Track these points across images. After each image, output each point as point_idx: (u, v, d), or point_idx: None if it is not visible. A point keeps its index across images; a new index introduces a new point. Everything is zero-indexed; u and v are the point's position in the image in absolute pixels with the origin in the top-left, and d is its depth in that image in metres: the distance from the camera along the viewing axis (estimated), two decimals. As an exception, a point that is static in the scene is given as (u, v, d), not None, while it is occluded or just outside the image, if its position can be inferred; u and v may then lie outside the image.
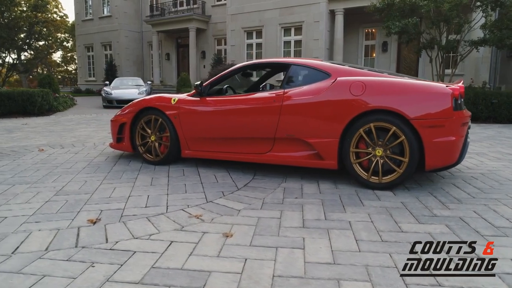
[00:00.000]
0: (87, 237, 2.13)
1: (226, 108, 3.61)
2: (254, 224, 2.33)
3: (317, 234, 2.17)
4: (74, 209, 2.62)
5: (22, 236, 2.14)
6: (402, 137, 2.90)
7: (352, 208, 2.63)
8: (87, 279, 1.67)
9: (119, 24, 22.89)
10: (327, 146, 3.17)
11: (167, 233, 2.20)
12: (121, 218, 2.44)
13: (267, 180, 3.39)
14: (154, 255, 1.91)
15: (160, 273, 1.72)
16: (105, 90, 13.03)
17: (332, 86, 3.16)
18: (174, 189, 3.12)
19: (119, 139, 4.27)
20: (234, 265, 1.80)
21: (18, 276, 1.69)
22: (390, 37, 15.57)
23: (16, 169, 3.84)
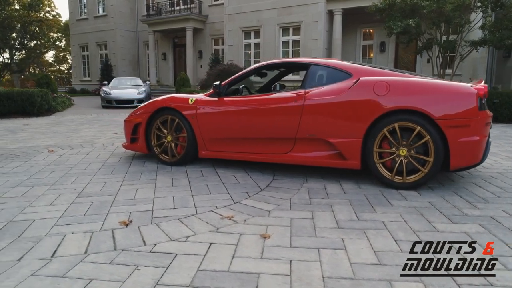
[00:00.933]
0: (123, 239, 2.10)
1: (246, 108, 3.59)
2: (288, 225, 2.32)
3: (354, 235, 2.17)
4: (102, 211, 2.58)
5: (57, 239, 2.10)
6: (427, 137, 2.91)
7: (381, 208, 2.63)
8: (136, 282, 1.64)
9: (115, 23, 22.70)
10: (350, 146, 3.17)
11: (203, 234, 2.18)
12: (153, 220, 2.41)
13: (288, 181, 3.38)
14: (197, 257, 1.89)
15: (208, 276, 1.70)
16: (104, 90, 12.91)
17: (355, 86, 3.16)
18: (197, 190, 3.09)
19: (133, 139, 4.23)
20: (280, 267, 1.79)
21: (64, 280, 1.66)
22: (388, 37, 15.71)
23: (30, 171, 3.78)
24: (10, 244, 2.04)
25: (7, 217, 2.45)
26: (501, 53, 14.19)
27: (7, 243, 2.05)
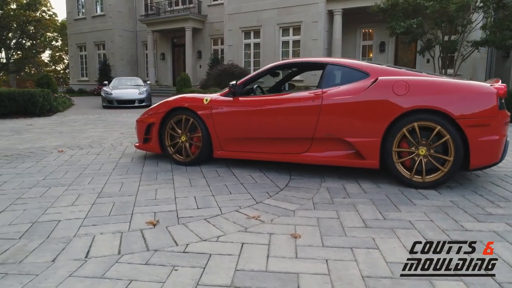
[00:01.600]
0: (154, 240, 2.09)
1: (262, 108, 3.58)
2: (316, 225, 2.32)
3: (383, 234, 2.17)
4: (125, 211, 2.56)
5: (87, 240, 2.08)
6: (447, 136, 2.93)
7: (405, 207, 2.64)
8: (176, 283, 1.63)
9: (113, 23, 22.60)
10: (369, 145, 3.17)
11: (233, 234, 2.17)
12: (179, 220, 2.40)
13: (305, 180, 3.38)
14: (232, 257, 1.88)
15: (247, 276, 1.70)
16: (104, 90, 12.84)
17: (374, 85, 3.17)
18: (217, 190, 3.09)
19: (146, 139, 4.21)
20: (318, 267, 1.79)
21: (104, 281, 1.65)
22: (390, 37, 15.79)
23: (44, 171, 3.75)
24: (40, 245, 2.02)
25: (31, 218, 2.43)
26: (500, 53, 14.30)
27: (37, 244, 2.03)
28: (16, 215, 2.49)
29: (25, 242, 2.05)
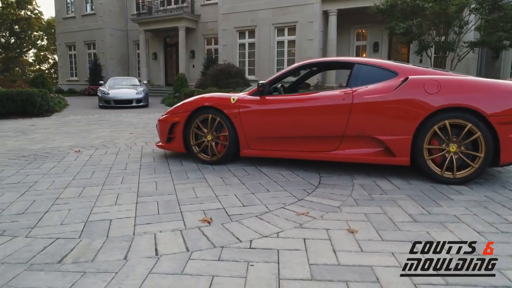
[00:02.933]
0: (216, 237, 2.11)
1: (292, 106, 3.63)
2: (366, 220, 2.37)
3: (435, 228, 2.24)
4: (173, 210, 2.57)
5: (149, 238, 2.09)
6: (478, 133, 3.03)
7: (444, 202, 2.72)
8: (258, 277, 1.66)
9: (104, 22, 22.31)
10: (400, 143, 3.25)
11: (290, 230, 2.21)
12: (230, 217, 2.42)
13: (335, 178, 3.44)
14: (300, 252, 1.92)
15: (323, 270, 1.74)
16: (101, 90, 12.68)
17: (406, 84, 3.25)
18: (254, 188, 3.11)
19: (169, 139, 4.20)
20: (387, 259, 1.84)
21: (186, 277, 1.67)
22: (382, 37, 16.04)
23: (69, 171, 3.71)
24: (104, 244, 2.02)
25: (81, 218, 2.42)
26: (490, 53, 14.69)
27: (101, 243, 2.03)
28: (63, 215, 2.48)
29: (88, 241, 2.05)
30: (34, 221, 2.37)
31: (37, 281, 1.63)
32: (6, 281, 1.63)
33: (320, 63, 3.91)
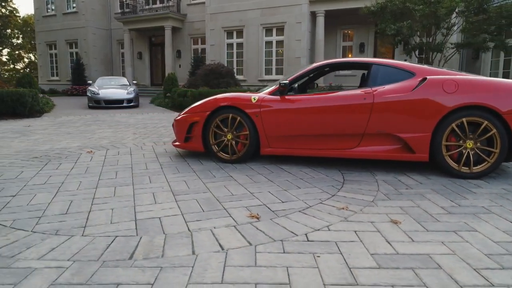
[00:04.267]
0: (271, 231, 2.19)
1: (313, 106, 3.73)
2: (404, 213, 2.51)
3: (471, 219, 2.39)
4: (216, 207, 2.63)
5: (208, 234, 2.15)
6: (494, 130, 3.23)
7: (469, 195, 2.90)
8: (330, 267, 1.76)
9: (86, 20, 21.84)
10: (420, 140, 3.42)
11: (338, 224, 2.31)
12: (276, 213, 2.51)
13: (357, 174, 3.57)
14: (357, 243, 2.03)
15: (387, 259, 1.85)
16: (91, 90, 12.44)
17: (425, 84, 3.42)
18: (284, 185, 3.20)
19: (187, 138, 4.23)
20: (440, 248, 1.97)
21: (262, 269, 1.74)
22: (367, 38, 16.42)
23: (92, 171, 3.70)
24: (166, 240, 2.07)
25: (129, 217, 2.45)
26: (471, 54, 15.29)
27: (162, 240, 2.07)
28: (109, 214, 2.50)
29: (148, 238, 2.09)
30: (82, 220, 2.38)
31: (119, 277, 1.67)
32: (87, 278, 1.66)
33: (337, 63, 4.03)
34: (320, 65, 4.01)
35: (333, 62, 4.02)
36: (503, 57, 14.06)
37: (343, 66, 4.23)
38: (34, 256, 1.87)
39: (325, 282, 1.63)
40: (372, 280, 1.64)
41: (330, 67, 4.03)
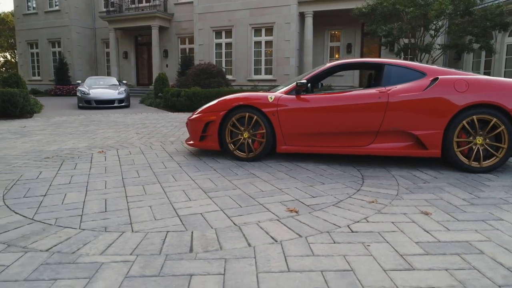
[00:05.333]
0: (315, 224, 2.29)
1: (329, 105, 3.86)
2: (430, 205, 2.66)
3: (494, 209, 2.56)
4: (251, 203, 2.72)
5: (254, 227, 2.23)
6: (502, 127, 3.43)
7: (484, 187, 3.08)
8: (383, 254, 1.88)
9: (70, 19, 21.38)
10: (433, 137, 3.59)
11: (374, 216, 2.44)
12: (311, 207, 2.61)
13: (372, 170, 3.72)
14: (398, 233, 2.16)
15: (432, 246, 1.98)
16: (81, 90, 12.23)
17: (437, 83, 3.59)
18: (308, 181, 3.32)
19: (203, 137, 4.29)
20: (476, 236, 2.12)
21: (321, 258, 1.84)
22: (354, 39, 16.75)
23: (112, 171, 3.71)
24: (218, 234, 2.14)
25: (170, 213, 2.50)
26: (453, 55, 15.84)
27: (213, 233, 2.15)
28: (149, 211, 2.54)
29: (200, 233, 2.16)
30: (125, 217, 2.43)
31: (188, 268, 1.74)
32: (158, 270, 1.73)
33: (351, 63, 4.17)
34: (335, 65, 4.14)
35: (347, 62, 4.16)
36: (484, 58, 14.64)
37: (356, 66, 4.36)
38: (95, 252, 1.92)
39: (384, 268, 1.74)
40: (426, 265, 1.77)
41: (344, 67, 4.17)
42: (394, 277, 1.65)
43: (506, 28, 10.40)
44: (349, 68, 4.25)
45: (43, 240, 2.07)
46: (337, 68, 4.16)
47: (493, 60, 13.62)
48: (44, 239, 2.08)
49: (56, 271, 1.71)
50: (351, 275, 1.68)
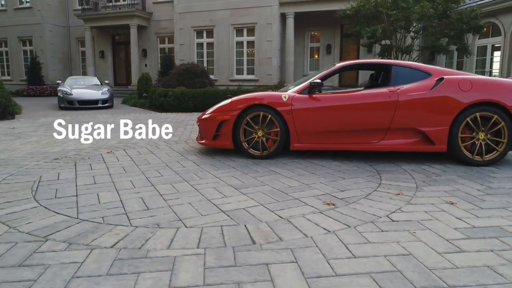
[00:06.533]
0: (356, 215, 2.44)
1: (343, 103, 4.03)
2: (450, 195, 2.87)
3: (509, 198, 2.81)
4: (286, 198, 2.83)
5: (302, 220, 2.36)
6: (502, 123, 3.73)
7: (491, 179, 3.35)
8: (430, 240, 2.05)
9: (42, 17, 20.63)
10: (440, 133, 3.84)
11: (407, 206, 2.62)
12: (344, 200, 2.76)
13: (383, 165, 3.93)
14: (435, 221, 2.34)
15: (470, 231, 2.17)
16: (62, 90, 11.87)
17: (443, 83, 3.85)
18: (329, 177, 3.47)
19: (216, 136, 4.36)
20: (503, 221, 2.33)
21: (377, 244, 1.99)
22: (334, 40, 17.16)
23: (131, 170, 3.72)
24: (271, 227, 2.24)
25: (214, 209, 2.58)
26: (427, 56, 16.57)
27: (266, 226, 2.25)
28: (191, 208, 2.61)
29: (253, 226, 2.25)
30: (171, 214, 2.48)
31: (261, 258, 1.84)
32: (232, 260, 1.81)
33: (361, 64, 4.37)
34: (345, 65, 4.33)
35: (356, 63, 4.35)
36: (456, 59, 15.42)
37: (364, 67, 4.58)
38: (162, 247, 1.98)
39: (437, 251, 1.91)
40: (473, 248, 1.95)
41: (354, 67, 4.36)
42: (451, 259, 1.83)
43: (479, 31, 11.03)
44: (358, 68, 4.45)
45: (102, 238, 2.10)
46: (347, 68, 4.34)
47: (464, 61, 14.36)
48: (102, 236, 2.12)
49: (135, 266, 1.77)
50: (412, 258, 1.83)
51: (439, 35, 10.91)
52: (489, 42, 13.88)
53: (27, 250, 1.94)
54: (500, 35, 13.16)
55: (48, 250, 1.95)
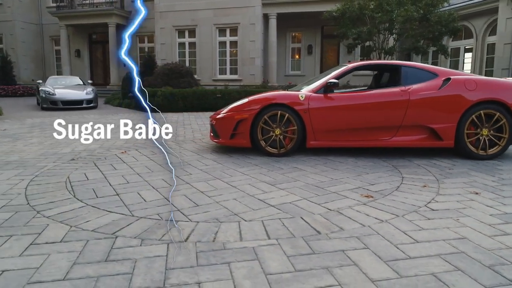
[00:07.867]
0: (398, 205, 2.63)
1: (358, 102, 4.24)
2: (471, 186, 3.12)
3: (522, 187, 3.10)
4: (324, 192, 2.98)
5: (351, 211, 2.51)
6: (504, 120, 4.05)
7: (499, 171, 3.64)
8: (478, 226, 2.25)
9: (13, 14, 19.81)
10: (448, 129, 4.12)
11: (438, 197, 2.83)
12: (379, 192, 2.94)
13: (396, 161, 4.16)
14: (471, 209, 2.56)
15: (504, 217, 2.40)
16: (45, 90, 11.48)
17: (450, 83, 4.12)
18: (352, 172, 3.65)
19: (233, 135, 4.44)
20: (528, 207, 2.59)
21: (430, 231, 2.17)
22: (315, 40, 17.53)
23: (154, 169, 3.77)
24: (329, 218, 2.38)
25: (261, 204, 2.69)
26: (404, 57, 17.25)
27: (322, 218, 2.39)
28: (238, 203, 2.71)
29: (309, 218, 2.39)
30: (223, 210, 2.57)
31: (334, 246, 1.97)
32: (309, 249, 1.94)
33: (371, 65, 4.59)
34: (357, 66, 4.54)
35: (367, 64, 4.58)
36: (431, 60, 16.16)
37: (375, 67, 4.80)
38: (234, 239, 2.07)
39: (488, 234, 2.12)
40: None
41: (365, 68, 4.58)
42: (503, 241, 2.04)
43: (456, 33, 11.65)
44: (368, 69, 4.67)
45: (171, 233, 2.17)
46: (359, 69, 4.55)
47: (439, 61, 15.08)
48: (170, 232, 2.18)
49: (221, 257, 1.86)
50: (468, 241, 2.03)
51: (419, 37, 11.42)
52: (461, 44, 14.68)
53: (104, 247, 1.98)
54: (472, 38, 13.96)
55: (124, 246, 2.00)
